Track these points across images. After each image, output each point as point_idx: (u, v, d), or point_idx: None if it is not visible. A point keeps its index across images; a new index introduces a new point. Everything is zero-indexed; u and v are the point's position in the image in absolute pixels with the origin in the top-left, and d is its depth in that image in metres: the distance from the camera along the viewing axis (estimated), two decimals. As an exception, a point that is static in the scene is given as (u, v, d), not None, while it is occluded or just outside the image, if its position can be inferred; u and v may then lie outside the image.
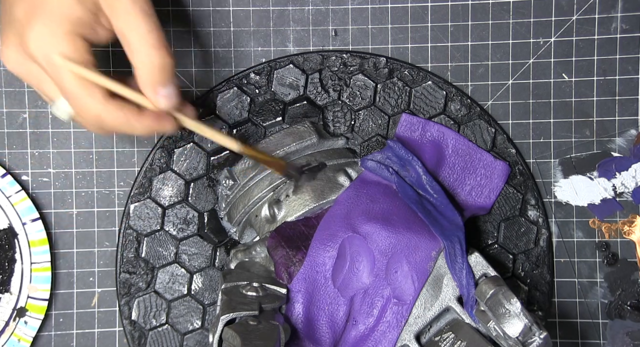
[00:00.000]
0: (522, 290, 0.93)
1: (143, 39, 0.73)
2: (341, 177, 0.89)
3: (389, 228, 0.84)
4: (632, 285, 0.95)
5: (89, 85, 0.72)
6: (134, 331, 0.92)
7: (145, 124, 0.76)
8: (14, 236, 0.91)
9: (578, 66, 0.94)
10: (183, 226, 0.92)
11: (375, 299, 0.85)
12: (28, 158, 0.92)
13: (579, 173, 0.94)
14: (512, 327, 0.79)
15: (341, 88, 0.93)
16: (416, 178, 0.89)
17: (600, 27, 0.94)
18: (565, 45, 0.94)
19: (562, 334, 0.95)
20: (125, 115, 0.74)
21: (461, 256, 0.84)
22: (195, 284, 0.93)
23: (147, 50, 0.73)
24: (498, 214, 0.93)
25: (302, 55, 0.93)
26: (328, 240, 0.85)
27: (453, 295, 0.85)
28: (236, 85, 0.92)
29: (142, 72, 0.73)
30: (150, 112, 0.76)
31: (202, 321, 0.92)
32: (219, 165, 0.92)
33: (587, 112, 0.94)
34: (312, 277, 0.85)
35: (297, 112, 0.93)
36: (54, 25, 0.72)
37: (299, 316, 0.85)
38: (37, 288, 0.91)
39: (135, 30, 0.73)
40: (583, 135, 0.94)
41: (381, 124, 0.93)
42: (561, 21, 0.94)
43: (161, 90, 0.74)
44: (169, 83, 0.74)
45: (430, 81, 0.93)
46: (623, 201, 0.95)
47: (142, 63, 0.73)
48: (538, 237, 0.94)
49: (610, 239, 0.95)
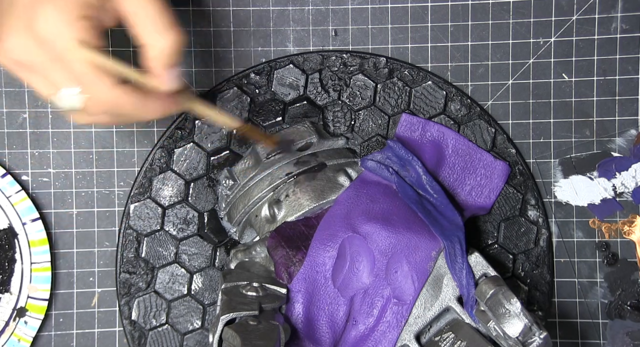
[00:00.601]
0: (522, 290, 0.93)
1: (153, 21, 0.72)
2: (341, 177, 0.89)
3: (389, 228, 0.84)
4: (632, 285, 0.95)
5: (100, 70, 0.71)
6: (134, 331, 0.92)
7: (155, 106, 0.75)
8: (14, 236, 0.91)
9: (578, 66, 0.94)
10: (183, 226, 0.92)
11: (375, 299, 0.85)
12: (28, 158, 0.92)
13: (579, 173, 0.94)
14: (512, 327, 0.79)
15: (341, 88, 0.93)
16: (416, 178, 0.89)
17: (600, 27, 0.94)
18: (565, 45, 0.94)
19: (562, 334, 0.95)
20: (138, 99, 0.73)
21: (461, 255, 0.84)
22: (195, 284, 0.93)
23: (157, 32, 0.72)
24: (498, 214, 0.93)
25: (302, 55, 0.93)
26: (328, 240, 0.85)
27: (453, 295, 0.85)
28: (236, 85, 0.92)
29: (153, 54, 0.72)
30: (157, 94, 0.75)
31: (202, 321, 0.92)
32: (219, 166, 0.92)
33: (587, 112, 0.94)
34: (312, 277, 0.85)
35: (297, 112, 0.92)
36: (64, 10, 0.70)
37: (299, 316, 0.85)
38: (37, 288, 0.91)
39: (144, 12, 0.71)
40: (583, 135, 0.94)
41: (381, 124, 0.93)
42: (561, 21, 0.94)
43: (171, 72, 0.73)
44: (177, 64, 0.74)
45: (430, 81, 0.93)
46: (623, 201, 0.95)
47: (153, 46, 0.72)
48: (538, 237, 0.94)
49: (610, 239, 0.95)
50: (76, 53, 0.70)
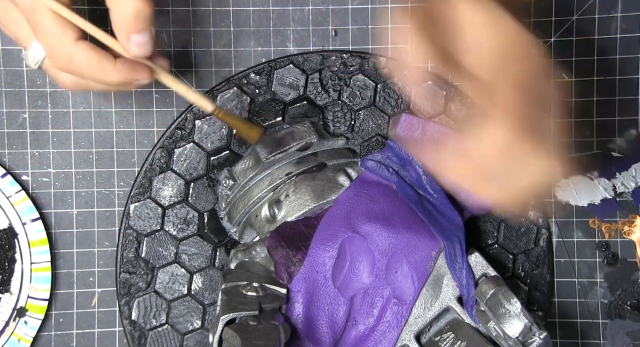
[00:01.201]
0: (522, 290, 0.93)
1: None
2: (341, 177, 0.89)
3: (389, 228, 0.84)
4: (632, 285, 0.95)
5: (64, 24, 0.71)
6: (134, 331, 0.92)
7: (118, 70, 0.74)
8: (14, 236, 0.91)
9: (578, 66, 0.94)
10: (183, 226, 0.92)
11: (375, 299, 0.85)
12: (28, 158, 0.92)
13: (579, 173, 0.94)
14: (512, 328, 0.79)
15: (341, 88, 0.93)
16: (416, 178, 0.89)
17: (600, 27, 0.94)
18: (565, 45, 0.94)
19: (562, 334, 0.95)
20: (98, 58, 0.72)
21: (461, 255, 0.84)
22: (195, 284, 0.92)
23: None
24: (498, 214, 0.93)
25: (302, 55, 0.93)
26: (328, 240, 0.85)
27: (453, 295, 0.85)
28: (236, 85, 0.92)
29: (117, 17, 0.71)
30: (125, 59, 0.74)
31: (202, 321, 0.92)
32: (219, 165, 0.92)
33: (587, 112, 0.94)
34: (312, 277, 0.85)
35: (297, 112, 0.92)
36: None
37: (299, 316, 0.85)
38: (37, 288, 0.91)
39: None
40: (583, 136, 0.94)
41: (381, 124, 0.93)
42: (561, 21, 0.94)
43: (135, 37, 0.72)
44: (144, 31, 0.72)
45: (430, 81, 0.93)
46: (623, 201, 0.95)
47: (117, 8, 0.71)
48: (538, 237, 0.93)
49: (610, 239, 0.95)
50: (42, 3, 0.70)
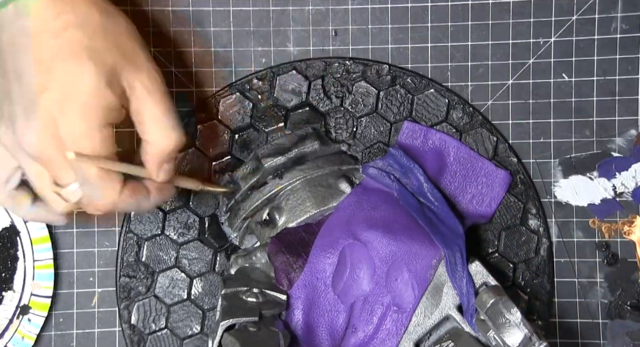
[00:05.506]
0: (522, 299, 0.93)
1: (159, 121, 0.75)
2: (342, 184, 0.89)
3: (390, 235, 0.84)
4: (632, 285, 0.95)
5: (109, 175, 0.74)
6: (134, 335, 0.92)
7: (152, 202, 0.79)
8: (16, 234, 0.91)
9: (578, 66, 0.94)
10: (184, 231, 0.92)
11: (375, 307, 0.85)
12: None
13: (579, 173, 0.95)
14: (512, 337, 0.79)
15: (343, 95, 0.92)
16: (417, 186, 0.89)
17: (600, 27, 0.94)
18: (565, 45, 0.94)
19: (562, 334, 0.96)
20: (137, 201, 0.77)
21: (462, 264, 0.84)
22: (195, 289, 0.93)
23: (161, 132, 0.75)
24: (499, 222, 0.93)
25: (304, 61, 0.92)
26: (329, 247, 0.85)
27: (453, 303, 0.85)
28: (238, 91, 0.92)
29: (154, 150, 0.76)
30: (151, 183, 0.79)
31: (201, 326, 0.93)
32: (220, 171, 0.92)
33: (587, 112, 0.94)
34: (312, 283, 0.85)
35: (299, 119, 0.92)
36: (89, 119, 0.71)
37: (298, 323, 0.85)
38: (40, 285, 0.91)
39: (151, 111, 0.75)
40: (583, 136, 0.94)
41: (383, 131, 0.93)
42: (561, 21, 0.94)
43: (166, 166, 0.77)
44: (172, 160, 0.78)
45: (433, 89, 0.93)
46: (623, 201, 0.95)
47: (153, 144, 0.76)
48: (538, 246, 0.94)
49: (610, 239, 0.95)
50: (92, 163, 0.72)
